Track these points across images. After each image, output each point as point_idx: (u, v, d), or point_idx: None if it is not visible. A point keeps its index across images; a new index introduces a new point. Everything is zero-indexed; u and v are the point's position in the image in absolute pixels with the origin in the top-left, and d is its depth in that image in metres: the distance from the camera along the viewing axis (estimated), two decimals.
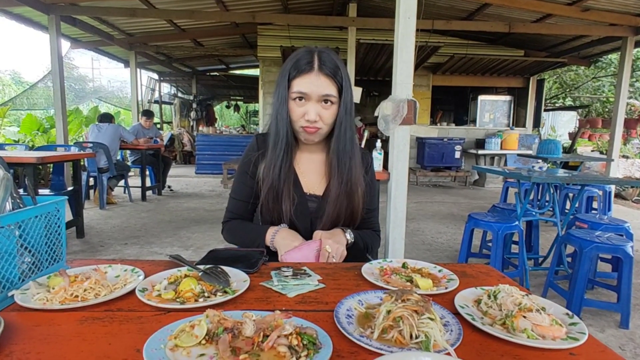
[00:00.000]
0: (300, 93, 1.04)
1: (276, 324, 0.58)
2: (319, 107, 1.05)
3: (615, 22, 5.37)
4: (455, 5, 6.12)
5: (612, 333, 2.16)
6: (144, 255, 3.26)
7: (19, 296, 0.71)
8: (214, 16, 6.20)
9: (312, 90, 1.03)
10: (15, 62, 44.75)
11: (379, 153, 2.67)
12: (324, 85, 1.03)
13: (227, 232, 1.23)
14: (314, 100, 1.04)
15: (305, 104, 1.05)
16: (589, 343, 0.62)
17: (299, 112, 1.06)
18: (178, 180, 7.57)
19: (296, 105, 1.05)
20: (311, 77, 1.03)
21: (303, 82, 1.03)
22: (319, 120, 1.05)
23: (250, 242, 1.14)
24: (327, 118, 1.07)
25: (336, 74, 1.05)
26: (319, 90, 1.03)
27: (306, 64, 1.03)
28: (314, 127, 1.06)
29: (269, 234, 1.11)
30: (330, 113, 1.07)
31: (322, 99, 1.04)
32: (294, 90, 1.04)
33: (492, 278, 0.91)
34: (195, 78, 11.87)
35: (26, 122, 7.19)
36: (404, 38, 2.42)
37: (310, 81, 1.03)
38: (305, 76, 1.03)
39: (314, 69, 1.03)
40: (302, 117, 1.05)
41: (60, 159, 3.58)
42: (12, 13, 5.46)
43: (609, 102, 10.80)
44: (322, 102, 1.05)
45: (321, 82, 1.03)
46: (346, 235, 1.12)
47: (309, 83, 1.03)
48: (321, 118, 1.06)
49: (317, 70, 1.03)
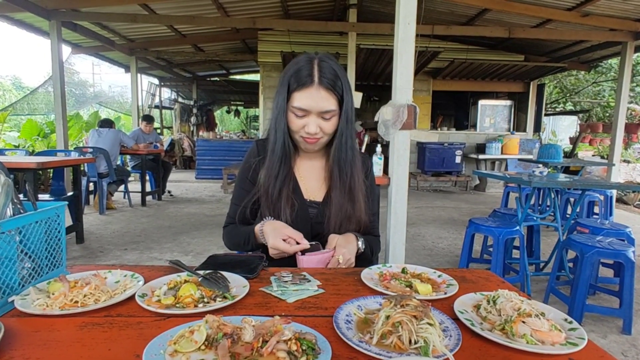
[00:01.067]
0: (300, 109, 1.04)
1: (275, 330, 0.58)
2: (319, 120, 1.05)
3: (615, 27, 5.40)
4: (455, 10, 6.16)
5: (615, 339, 2.15)
6: (143, 261, 3.26)
7: (19, 302, 0.71)
8: (215, 22, 6.25)
9: (312, 107, 1.03)
10: (16, 67, 44.98)
11: (379, 158, 2.68)
12: (323, 100, 1.03)
13: (225, 236, 1.25)
14: (314, 115, 1.05)
15: (305, 117, 1.05)
16: (589, 348, 0.62)
17: (298, 124, 1.06)
18: (178, 185, 7.58)
19: (296, 117, 1.06)
20: (311, 91, 1.03)
21: (303, 97, 1.03)
22: (319, 132, 1.06)
23: (244, 241, 1.15)
24: (328, 129, 1.07)
25: (336, 85, 1.04)
26: (319, 106, 1.03)
27: (306, 76, 1.03)
28: (315, 138, 1.07)
29: (257, 225, 1.11)
30: (330, 124, 1.07)
31: (322, 115, 1.05)
32: (294, 105, 1.04)
33: (492, 283, 0.91)
34: (195, 83, 11.93)
35: (26, 127, 7.21)
36: (404, 43, 2.44)
37: (311, 96, 1.03)
38: (306, 90, 1.03)
39: (314, 82, 1.02)
40: (301, 128, 1.06)
41: (60, 164, 3.57)
42: (13, 19, 5.50)
43: (609, 107, 10.81)
44: (322, 116, 1.05)
45: (321, 97, 1.03)
46: (358, 243, 1.12)
47: (309, 99, 1.03)
48: (322, 129, 1.06)
49: (317, 84, 1.03)
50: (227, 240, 1.24)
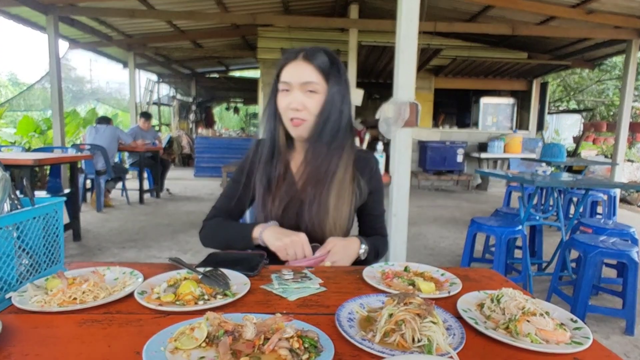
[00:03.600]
0: (284, 83, 1.05)
1: (277, 327, 0.57)
2: (302, 95, 1.04)
3: (620, 25, 5.36)
4: (458, 7, 6.12)
5: (617, 340, 2.13)
6: (141, 259, 3.25)
7: (17, 298, 0.70)
8: (214, 17, 6.19)
9: (293, 77, 1.03)
10: (13, 63, 44.94)
11: (381, 156, 2.67)
12: (306, 72, 1.03)
13: (208, 229, 1.16)
14: (297, 89, 1.04)
15: (290, 93, 1.04)
16: (594, 348, 0.61)
17: (284, 103, 1.05)
18: (176, 183, 7.56)
19: (282, 96, 1.06)
20: (295, 64, 1.04)
21: (287, 71, 1.05)
22: (304, 110, 1.04)
23: (233, 240, 1.10)
24: (313, 108, 1.04)
25: (318, 59, 1.04)
26: (300, 77, 1.03)
27: (293, 54, 1.06)
28: (299, 118, 1.04)
29: (256, 230, 1.06)
30: (314, 102, 1.04)
31: (305, 87, 1.03)
32: (280, 81, 1.06)
33: (496, 282, 0.90)
34: (194, 80, 11.89)
35: (23, 124, 7.15)
36: (405, 40, 2.42)
37: (294, 69, 1.04)
38: (290, 65, 1.05)
39: (298, 57, 1.04)
40: (288, 107, 1.05)
41: (57, 161, 3.55)
42: (9, 13, 5.46)
43: (613, 106, 10.76)
44: (307, 92, 1.04)
45: (303, 69, 1.03)
46: (360, 250, 1.07)
47: (292, 71, 1.04)
48: (305, 107, 1.04)
49: (301, 58, 1.04)
50: (209, 233, 1.15)
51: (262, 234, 1.04)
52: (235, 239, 1.10)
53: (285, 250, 1.00)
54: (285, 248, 1.00)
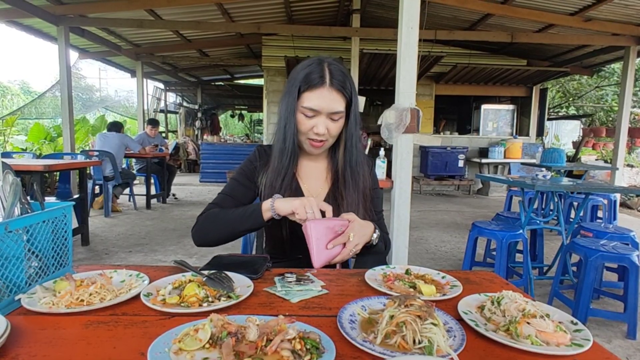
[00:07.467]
0: (310, 110, 1.05)
1: (280, 329, 0.58)
2: (327, 121, 1.07)
3: (618, 32, 5.40)
4: (458, 15, 6.18)
5: (619, 344, 2.13)
6: (148, 263, 3.26)
7: (26, 300, 0.72)
8: (220, 27, 6.30)
9: (323, 107, 1.05)
10: (24, 72, 45.45)
11: (382, 161, 2.68)
12: (334, 101, 1.05)
13: (205, 220, 1.13)
14: (324, 116, 1.06)
15: (315, 118, 1.06)
16: (594, 350, 0.61)
17: (307, 125, 1.07)
18: (182, 188, 7.60)
19: (305, 118, 1.07)
20: (323, 92, 1.04)
21: (314, 97, 1.04)
22: (326, 133, 1.07)
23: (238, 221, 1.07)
24: (334, 131, 1.09)
25: (345, 87, 1.06)
26: (330, 107, 1.05)
27: (318, 77, 1.04)
28: (321, 141, 1.09)
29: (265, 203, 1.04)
30: (337, 126, 1.09)
31: (332, 115, 1.06)
32: (305, 105, 1.05)
33: (496, 285, 0.91)
34: (200, 87, 12.01)
35: (34, 131, 7.28)
36: (407, 48, 2.45)
37: (322, 97, 1.04)
38: (317, 91, 1.04)
39: (325, 83, 1.04)
40: (310, 129, 1.07)
41: (66, 167, 3.60)
42: (22, 24, 5.58)
43: (612, 111, 10.79)
44: (331, 117, 1.07)
45: (332, 98, 1.05)
46: (374, 235, 1.07)
47: (320, 99, 1.04)
48: (329, 131, 1.08)
49: (328, 85, 1.04)
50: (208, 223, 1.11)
51: (273, 205, 1.03)
52: (240, 220, 1.07)
53: (304, 207, 0.99)
54: (303, 206, 0.99)
